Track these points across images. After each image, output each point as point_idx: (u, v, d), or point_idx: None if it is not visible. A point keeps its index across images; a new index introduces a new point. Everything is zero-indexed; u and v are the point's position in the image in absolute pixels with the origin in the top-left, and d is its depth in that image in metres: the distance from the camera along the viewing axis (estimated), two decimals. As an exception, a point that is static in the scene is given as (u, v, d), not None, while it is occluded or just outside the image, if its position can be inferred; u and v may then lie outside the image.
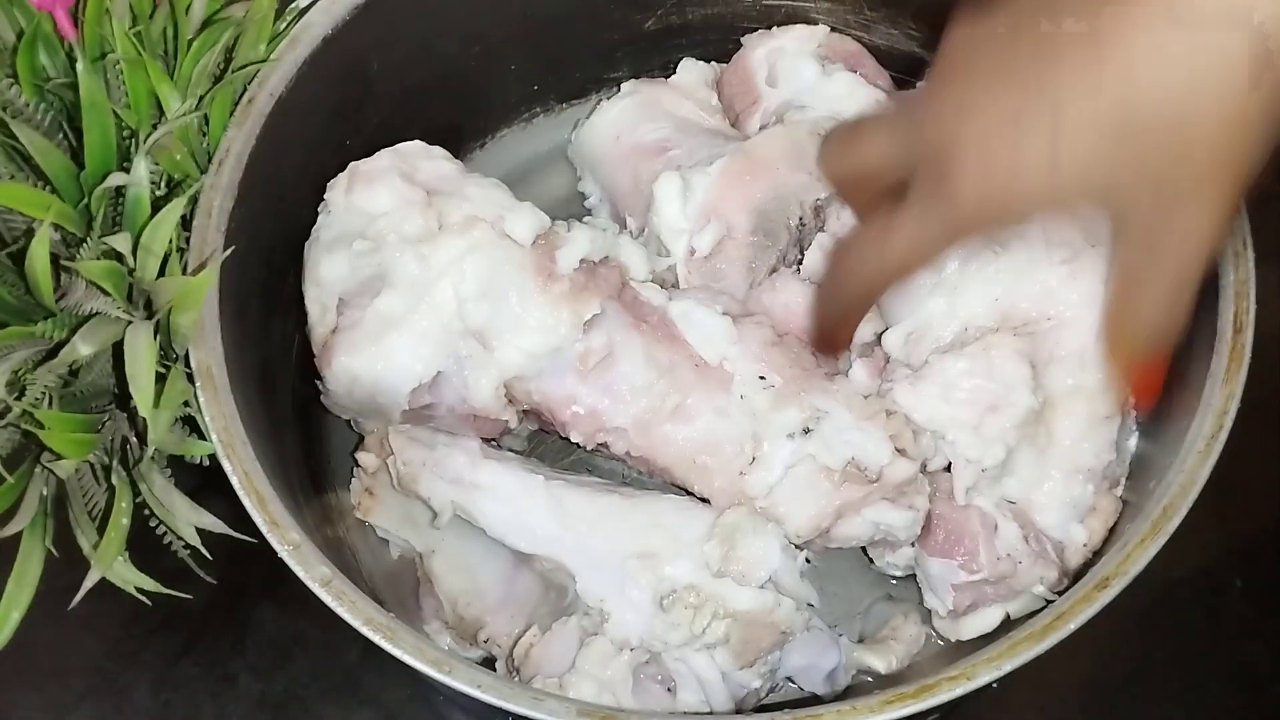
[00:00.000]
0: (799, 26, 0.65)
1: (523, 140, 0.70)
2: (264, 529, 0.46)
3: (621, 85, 0.66)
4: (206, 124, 0.53)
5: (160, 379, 0.46)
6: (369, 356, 0.53)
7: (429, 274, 0.53)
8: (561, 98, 0.70)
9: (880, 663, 0.55)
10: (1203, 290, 0.48)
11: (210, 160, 0.52)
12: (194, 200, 0.51)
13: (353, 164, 0.56)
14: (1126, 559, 0.46)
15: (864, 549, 0.58)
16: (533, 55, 0.66)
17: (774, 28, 0.65)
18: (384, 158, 0.56)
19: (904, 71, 0.65)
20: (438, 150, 0.58)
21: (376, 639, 0.44)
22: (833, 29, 0.65)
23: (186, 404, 0.48)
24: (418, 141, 0.58)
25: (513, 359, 0.54)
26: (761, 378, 0.55)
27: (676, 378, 0.55)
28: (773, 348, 0.55)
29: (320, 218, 0.56)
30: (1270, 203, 0.51)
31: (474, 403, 0.54)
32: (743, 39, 0.65)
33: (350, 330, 0.53)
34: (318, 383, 0.56)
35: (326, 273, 0.54)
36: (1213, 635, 0.62)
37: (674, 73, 0.68)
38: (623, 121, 0.64)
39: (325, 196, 0.56)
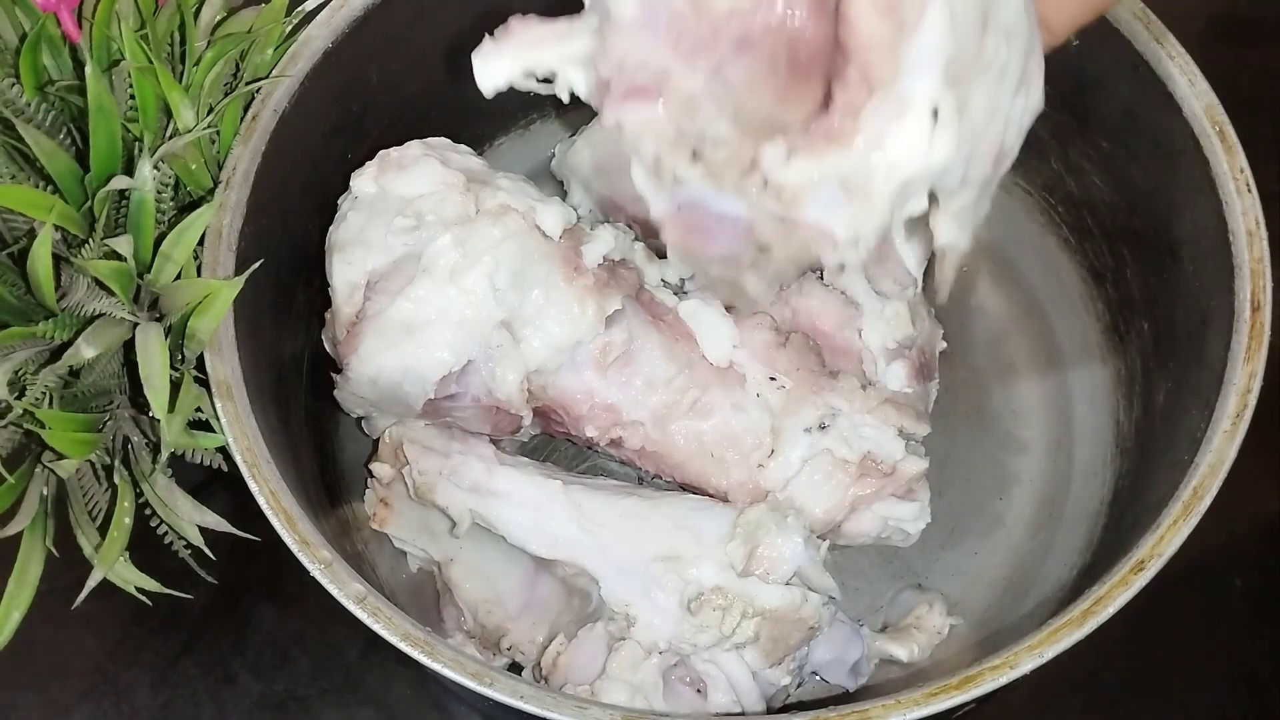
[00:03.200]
0: None
1: (521, 148, 0.71)
2: (295, 548, 0.46)
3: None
4: (217, 134, 0.53)
5: (173, 384, 0.47)
6: (400, 342, 0.53)
7: (465, 260, 0.53)
8: (558, 103, 0.70)
9: (902, 651, 0.56)
10: (1218, 270, 0.50)
11: (220, 169, 0.53)
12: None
13: (382, 152, 0.56)
14: (1160, 541, 0.46)
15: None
16: (529, 62, 0.67)
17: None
18: (414, 147, 0.56)
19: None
20: (463, 147, 0.59)
21: (415, 654, 0.44)
22: None
23: (198, 409, 0.49)
24: (443, 138, 0.58)
25: (537, 351, 0.54)
26: (772, 379, 0.56)
27: (695, 374, 0.56)
28: (777, 350, 0.56)
29: (345, 204, 0.56)
30: (1272, 202, 0.52)
31: (499, 394, 0.55)
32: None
33: (379, 316, 0.53)
34: (335, 375, 0.56)
35: (358, 251, 0.54)
36: (1213, 635, 0.62)
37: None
38: None
39: (351, 185, 0.56)
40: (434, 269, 0.53)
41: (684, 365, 0.56)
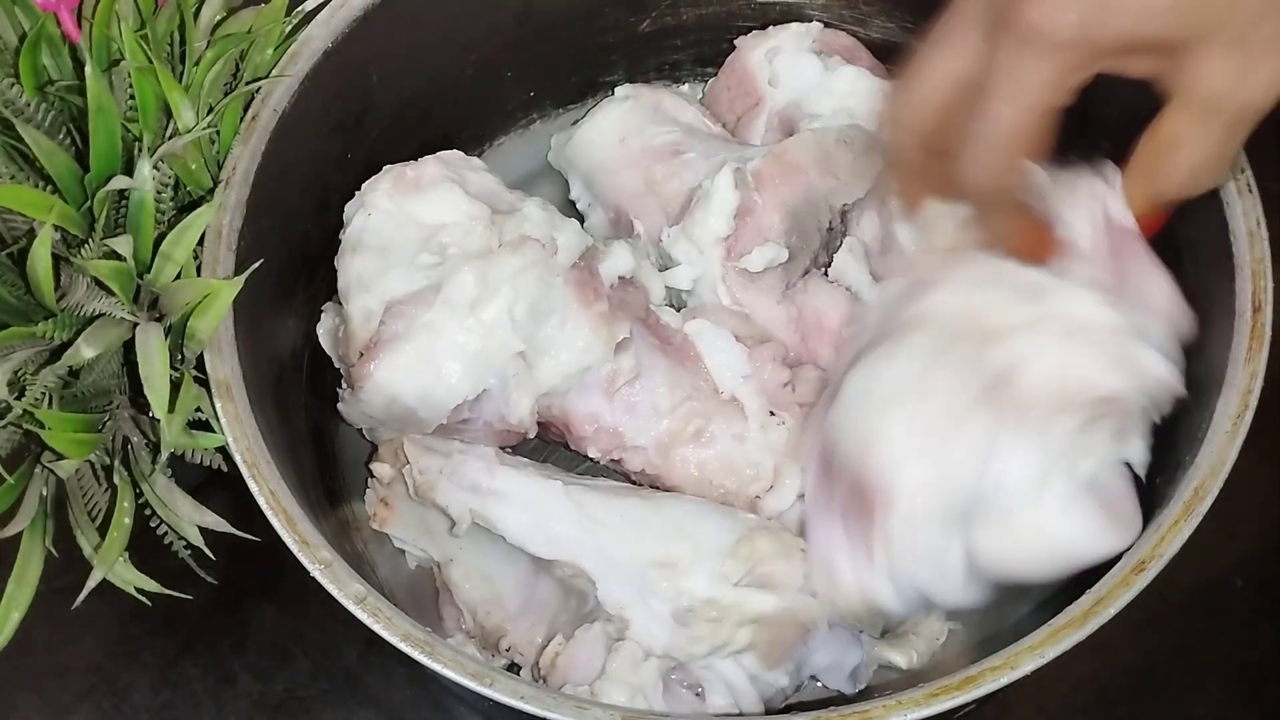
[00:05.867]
0: (793, 24, 0.65)
1: (520, 147, 0.71)
2: (295, 548, 0.46)
3: (615, 89, 0.66)
4: (217, 134, 0.53)
5: (173, 384, 0.47)
6: (418, 370, 0.53)
7: (485, 292, 0.53)
8: (558, 103, 0.70)
9: (902, 658, 0.56)
10: (1219, 270, 0.50)
11: (219, 169, 0.53)
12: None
13: (396, 168, 0.56)
14: (1161, 541, 0.46)
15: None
16: (528, 61, 0.67)
17: (769, 27, 0.65)
18: (431, 165, 0.56)
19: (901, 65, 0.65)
20: (476, 161, 0.58)
21: (415, 654, 0.44)
22: (827, 24, 0.65)
23: (198, 409, 0.49)
24: (456, 151, 0.58)
25: (550, 377, 0.55)
26: (772, 414, 0.56)
27: (699, 402, 0.56)
28: (781, 387, 0.57)
29: (358, 218, 0.56)
30: (1272, 202, 0.52)
31: (511, 419, 0.55)
32: (736, 41, 0.66)
33: (396, 342, 0.53)
34: (340, 391, 0.56)
35: (376, 280, 0.53)
36: (1213, 635, 0.62)
37: (669, 75, 0.68)
38: (628, 124, 0.64)
39: (363, 198, 0.56)
40: (454, 300, 0.53)
41: (689, 393, 0.56)
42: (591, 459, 0.59)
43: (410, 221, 0.54)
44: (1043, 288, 0.50)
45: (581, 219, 0.65)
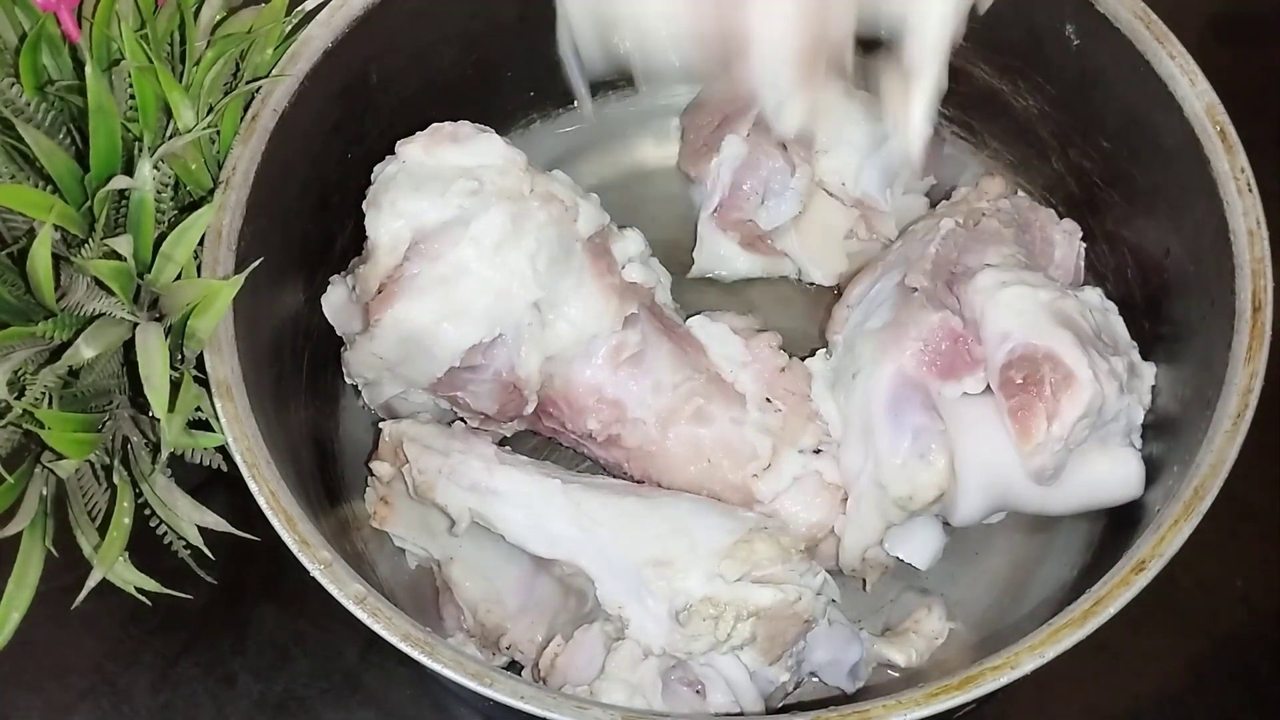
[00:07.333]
0: None
1: (521, 147, 0.70)
2: (295, 549, 0.46)
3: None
4: (217, 134, 0.53)
5: (173, 384, 0.47)
6: (439, 305, 0.53)
7: (513, 235, 0.54)
8: (558, 103, 0.70)
9: (900, 656, 0.56)
10: (1219, 270, 0.50)
11: (219, 169, 0.53)
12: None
13: (432, 126, 0.56)
14: (1161, 541, 0.46)
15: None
16: (528, 61, 0.67)
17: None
18: (467, 126, 0.57)
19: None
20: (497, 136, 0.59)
21: (415, 654, 0.44)
22: None
23: (198, 409, 0.49)
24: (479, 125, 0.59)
25: (560, 335, 0.55)
26: (769, 400, 0.57)
27: (700, 383, 0.57)
28: (779, 374, 0.58)
29: (389, 167, 0.56)
30: (1272, 202, 0.52)
31: (520, 371, 0.55)
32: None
33: (419, 276, 0.53)
34: (352, 335, 0.56)
35: (410, 206, 0.54)
36: (1213, 635, 0.62)
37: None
38: None
39: (397, 151, 0.56)
40: (481, 239, 0.53)
41: (690, 373, 0.57)
42: (588, 457, 0.59)
43: (446, 167, 0.55)
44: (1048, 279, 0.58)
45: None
